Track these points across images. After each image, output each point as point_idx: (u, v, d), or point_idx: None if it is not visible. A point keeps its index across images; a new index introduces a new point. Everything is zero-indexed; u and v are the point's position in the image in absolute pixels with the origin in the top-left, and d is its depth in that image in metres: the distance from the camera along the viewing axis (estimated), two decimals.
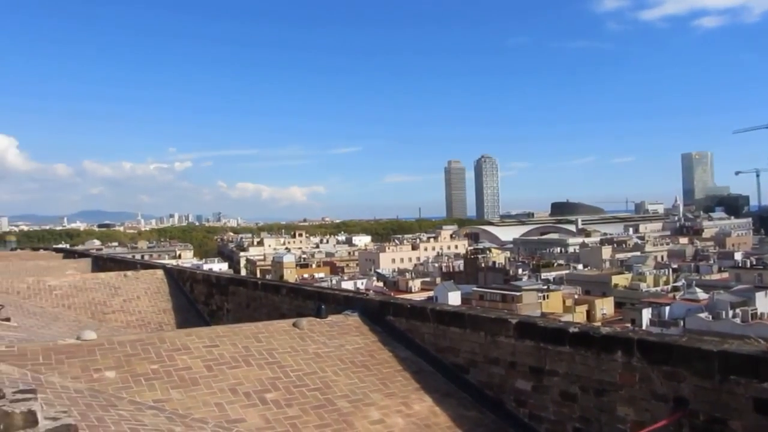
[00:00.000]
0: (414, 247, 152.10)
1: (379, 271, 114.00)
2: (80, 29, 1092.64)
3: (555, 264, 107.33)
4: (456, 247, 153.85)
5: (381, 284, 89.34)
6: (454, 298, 63.54)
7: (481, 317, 8.55)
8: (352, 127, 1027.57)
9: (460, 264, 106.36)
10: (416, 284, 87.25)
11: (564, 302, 69.27)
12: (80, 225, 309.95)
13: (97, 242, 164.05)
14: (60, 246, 64.44)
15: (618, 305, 72.46)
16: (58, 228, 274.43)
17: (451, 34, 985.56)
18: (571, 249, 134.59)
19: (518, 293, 65.13)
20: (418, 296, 67.50)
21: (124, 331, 14.59)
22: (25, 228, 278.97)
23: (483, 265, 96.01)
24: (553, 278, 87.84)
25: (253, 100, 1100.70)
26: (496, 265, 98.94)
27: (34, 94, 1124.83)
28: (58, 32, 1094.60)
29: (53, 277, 18.81)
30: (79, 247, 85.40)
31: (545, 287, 73.87)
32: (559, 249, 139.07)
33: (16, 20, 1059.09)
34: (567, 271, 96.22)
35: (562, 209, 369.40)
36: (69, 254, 37.85)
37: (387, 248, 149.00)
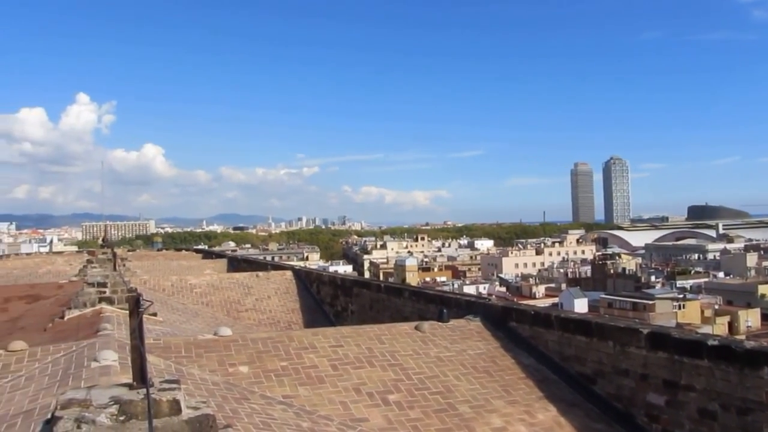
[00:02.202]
0: (538, 252, 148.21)
1: (502, 275, 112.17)
2: (217, 41, 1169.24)
3: (692, 271, 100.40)
4: (583, 252, 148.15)
5: (503, 289, 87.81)
6: (581, 306, 61.24)
7: (610, 326, 8.21)
8: (474, 130, 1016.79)
9: (587, 270, 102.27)
10: (540, 290, 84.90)
11: (702, 312, 64.60)
12: (217, 227, 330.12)
13: (232, 244, 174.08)
14: (199, 247, 68.85)
15: (765, 317, 66.55)
16: (198, 230, 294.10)
17: (576, 34, 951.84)
18: (710, 255, 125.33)
19: (651, 302, 61.53)
20: (542, 302, 65.84)
21: (256, 329, 15.38)
22: (170, 230, 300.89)
23: (612, 271, 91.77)
24: (690, 286, 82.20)
25: (377, 105, 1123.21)
26: (627, 272, 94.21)
27: (179, 103, 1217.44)
28: (198, 45, 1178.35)
29: (194, 276, 20.23)
30: (216, 249, 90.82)
31: (681, 296, 69.21)
32: (697, 255, 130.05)
33: (160, 36, 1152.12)
34: (706, 279, 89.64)
35: (700, 213, 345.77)
36: (207, 255, 40.58)
37: (510, 252, 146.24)
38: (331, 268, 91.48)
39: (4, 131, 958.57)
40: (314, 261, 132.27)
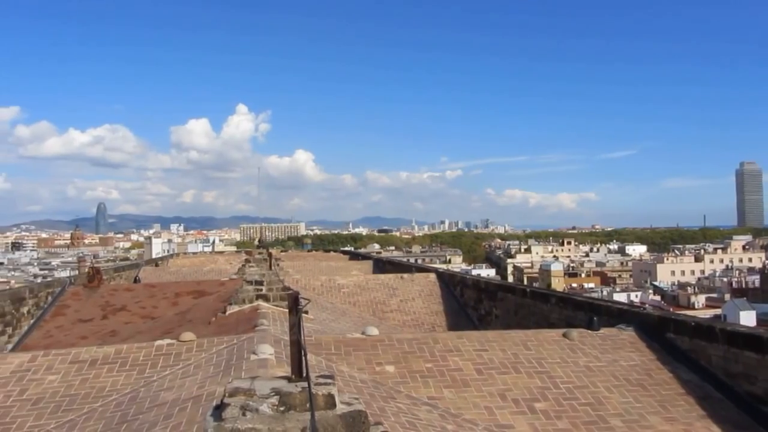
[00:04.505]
0: (697, 259, 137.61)
1: (656, 283, 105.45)
2: (362, 52, 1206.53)
3: None
4: (750, 260, 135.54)
5: (658, 298, 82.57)
6: (748, 319, 55.98)
7: None
8: (627, 129, 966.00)
9: (755, 279, 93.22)
10: (700, 300, 78.80)
11: None
12: (362, 230, 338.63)
13: (376, 246, 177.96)
14: (346, 249, 71.23)
15: None
16: (344, 232, 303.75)
17: (739, 22, 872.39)
18: None
19: None
20: (702, 313, 60.99)
21: (401, 330, 15.64)
22: (318, 232, 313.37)
23: None
24: None
25: (522, 107, 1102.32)
26: None
27: (328, 111, 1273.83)
28: (345, 55, 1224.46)
29: (341, 277, 20.99)
30: (362, 250, 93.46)
31: None
32: None
33: (309, 48, 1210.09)
34: None
35: None
36: (354, 256, 42.04)
37: (665, 259, 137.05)
38: (474, 272, 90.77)
39: (175, 141, 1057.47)
40: (457, 264, 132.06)
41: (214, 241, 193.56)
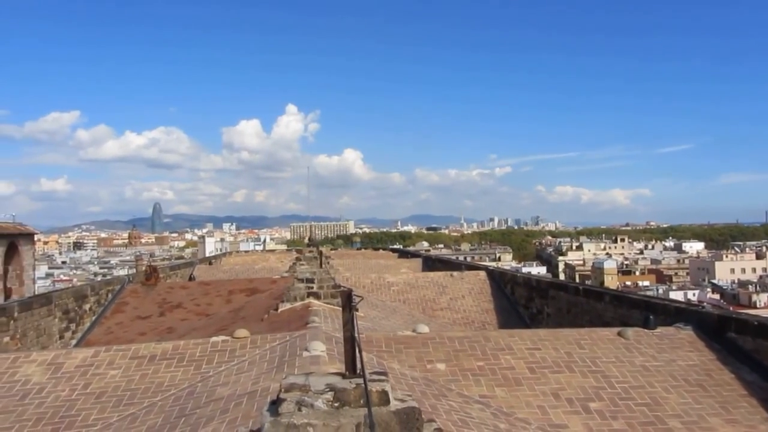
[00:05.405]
0: (759, 256, 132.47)
1: (715, 281, 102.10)
2: (409, 51, 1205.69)
3: None
4: None
5: (717, 296, 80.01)
6: None
7: None
8: (683, 123, 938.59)
9: None
10: (762, 299, 75.97)
11: None
12: (411, 228, 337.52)
13: (425, 244, 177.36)
14: (395, 247, 71.26)
15: None
16: (393, 230, 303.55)
17: None
18: None
19: None
20: (765, 312, 58.81)
21: (451, 328, 15.59)
22: (367, 230, 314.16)
23: None
24: None
25: (570, 103, 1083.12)
26: None
27: (376, 110, 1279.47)
28: (392, 55, 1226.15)
29: (391, 275, 21.05)
30: (411, 248, 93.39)
31: None
32: None
33: (357, 47, 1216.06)
34: None
35: None
36: (403, 254, 42.04)
37: (724, 256, 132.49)
38: (525, 269, 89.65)
39: (227, 142, 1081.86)
40: (506, 262, 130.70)
41: (265, 240, 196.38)
